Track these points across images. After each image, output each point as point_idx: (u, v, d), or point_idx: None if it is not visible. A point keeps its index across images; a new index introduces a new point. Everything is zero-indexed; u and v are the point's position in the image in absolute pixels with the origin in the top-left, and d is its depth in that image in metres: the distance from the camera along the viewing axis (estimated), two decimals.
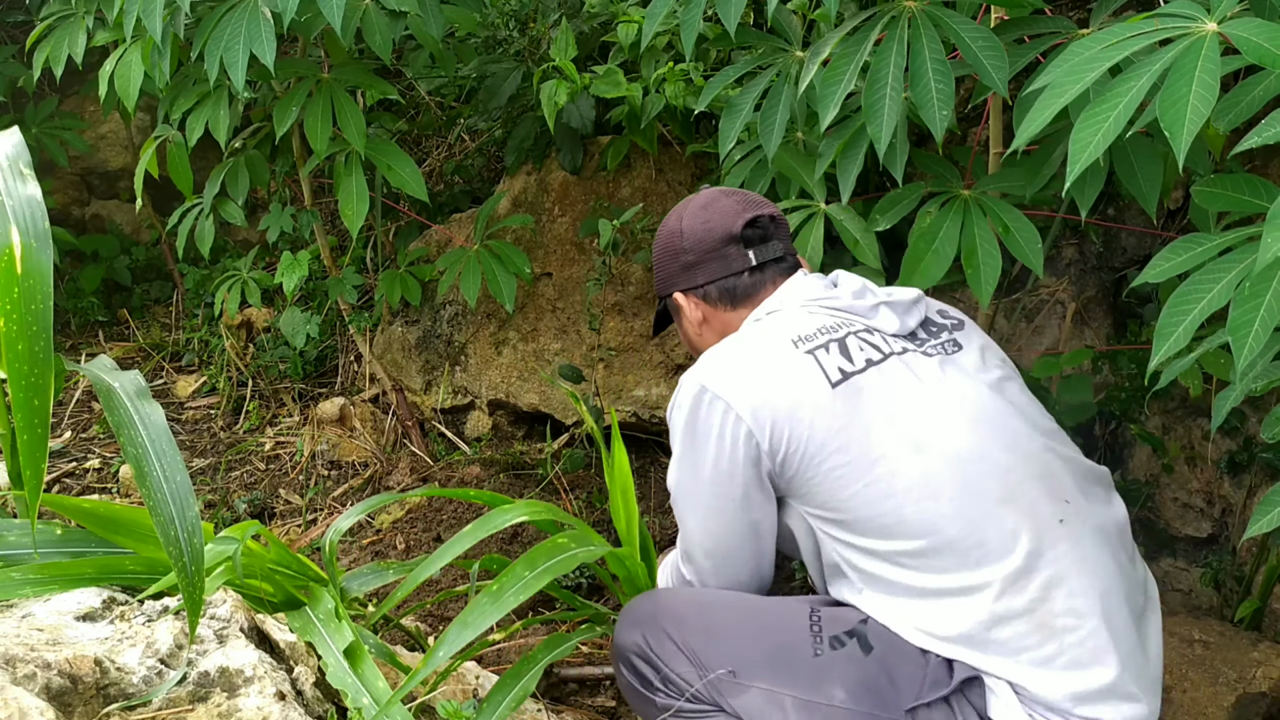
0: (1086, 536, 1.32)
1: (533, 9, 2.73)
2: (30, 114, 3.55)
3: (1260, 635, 1.89)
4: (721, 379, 1.40)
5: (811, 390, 1.35)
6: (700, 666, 1.34)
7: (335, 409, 2.95)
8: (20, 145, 1.35)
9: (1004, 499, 1.31)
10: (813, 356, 1.38)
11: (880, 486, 1.32)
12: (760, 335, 1.46)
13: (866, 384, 1.37)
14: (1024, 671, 1.27)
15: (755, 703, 1.31)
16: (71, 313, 3.74)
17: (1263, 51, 1.05)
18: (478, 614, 1.32)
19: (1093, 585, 1.29)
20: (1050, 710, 1.26)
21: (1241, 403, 1.88)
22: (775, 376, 1.38)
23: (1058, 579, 1.28)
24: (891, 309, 1.47)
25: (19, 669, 1.05)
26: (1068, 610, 1.27)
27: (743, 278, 1.53)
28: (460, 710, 1.40)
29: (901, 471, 1.32)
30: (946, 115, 1.46)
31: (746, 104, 1.75)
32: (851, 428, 1.34)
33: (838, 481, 1.34)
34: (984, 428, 1.36)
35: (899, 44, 1.49)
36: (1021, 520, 1.30)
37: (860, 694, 1.28)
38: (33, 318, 1.20)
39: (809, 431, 1.34)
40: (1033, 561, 1.28)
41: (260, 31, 1.97)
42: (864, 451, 1.33)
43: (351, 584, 1.69)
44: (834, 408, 1.34)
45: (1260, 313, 1.07)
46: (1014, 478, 1.33)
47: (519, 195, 2.76)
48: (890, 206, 1.73)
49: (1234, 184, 1.26)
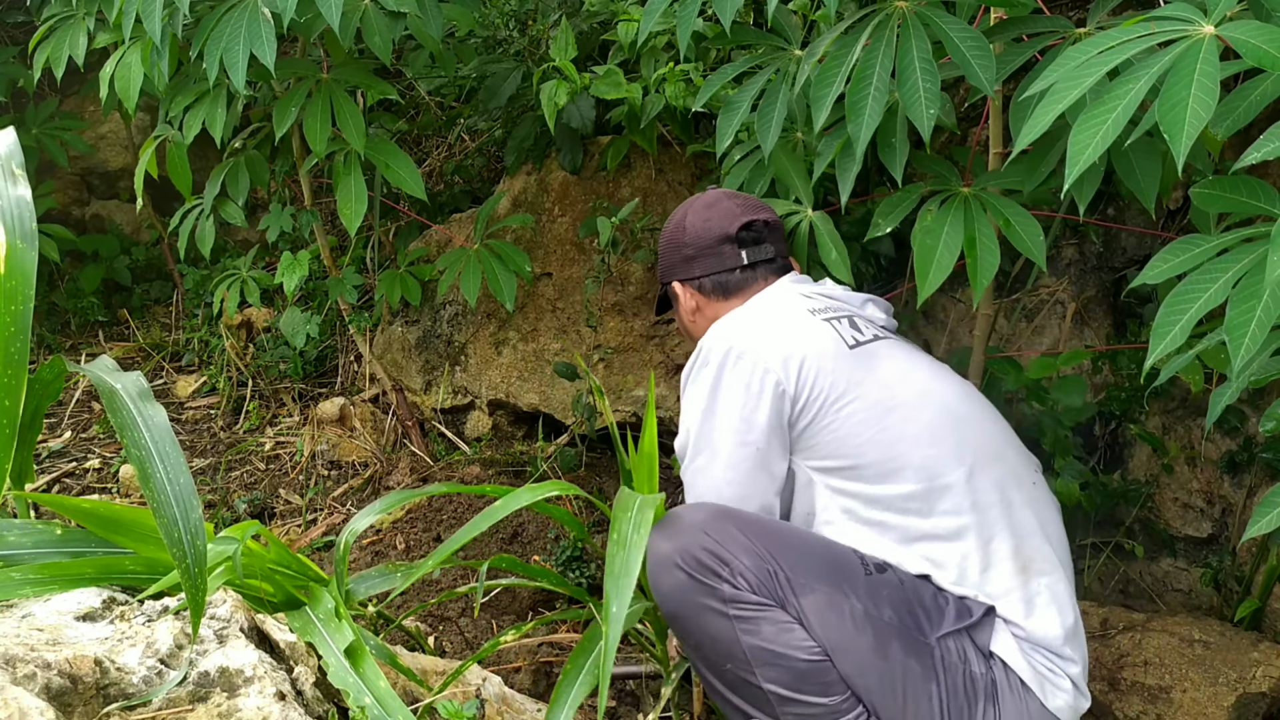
0: (1048, 500, 1.59)
1: (533, 9, 2.74)
2: (30, 114, 3.55)
3: (1260, 635, 1.89)
4: (748, 337, 1.55)
5: (833, 346, 1.54)
6: (770, 562, 1.43)
7: (335, 409, 2.95)
8: (13, 145, 1.35)
9: (993, 456, 1.53)
10: (829, 324, 1.58)
11: (893, 432, 1.49)
12: (777, 304, 1.64)
13: (876, 351, 1.57)
14: (1016, 608, 1.46)
15: (819, 604, 1.41)
16: (71, 313, 3.74)
17: (1262, 54, 1.05)
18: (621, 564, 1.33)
19: (1056, 538, 1.54)
20: (1036, 645, 1.46)
21: (1241, 402, 1.89)
22: (800, 332, 1.55)
23: (1034, 530, 1.50)
24: (876, 305, 1.71)
25: (19, 669, 1.06)
26: (1043, 557, 1.50)
27: (734, 274, 1.70)
28: (461, 711, 1.40)
29: (912, 420, 1.50)
30: (934, 114, 1.47)
31: (744, 102, 1.75)
32: (869, 381, 1.52)
33: (856, 427, 1.49)
34: (970, 398, 1.61)
35: (887, 44, 1.50)
36: (1007, 475, 1.53)
37: (904, 615, 1.43)
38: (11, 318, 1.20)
39: (831, 379, 1.50)
40: (1016, 512, 1.50)
41: (260, 31, 1.97)
42: (878, 402, 1.51)
43: (359, 587, 1.68)
44: (853, 363, 1.53)
45: (1257, 313, 1.07)
46: (999, 442, 1.57)
47: (519, 195, 2.77)
48: (891, 209, 1.73)
49: (1233, 186, 1.26)
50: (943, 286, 2.32)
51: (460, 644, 2.13)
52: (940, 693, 1.42)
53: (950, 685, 1.42)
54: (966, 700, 1.42)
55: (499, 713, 1.55)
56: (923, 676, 1.42)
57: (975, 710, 1.43)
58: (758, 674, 1.41)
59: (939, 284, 1.60)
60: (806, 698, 1.40)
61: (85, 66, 2.55)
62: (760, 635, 1.40)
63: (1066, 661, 1.48)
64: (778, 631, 1.40)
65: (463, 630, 2.16)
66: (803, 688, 1.40)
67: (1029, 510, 1.52)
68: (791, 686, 1.40)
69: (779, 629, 1.41)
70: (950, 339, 2.32)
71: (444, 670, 1.61)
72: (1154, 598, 2.15)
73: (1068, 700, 1.47)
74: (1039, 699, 1.44)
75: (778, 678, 1.40)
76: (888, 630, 1.42)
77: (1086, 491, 2.10)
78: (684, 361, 2.65)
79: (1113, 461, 2.22)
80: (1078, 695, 1.49)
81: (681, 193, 2.61)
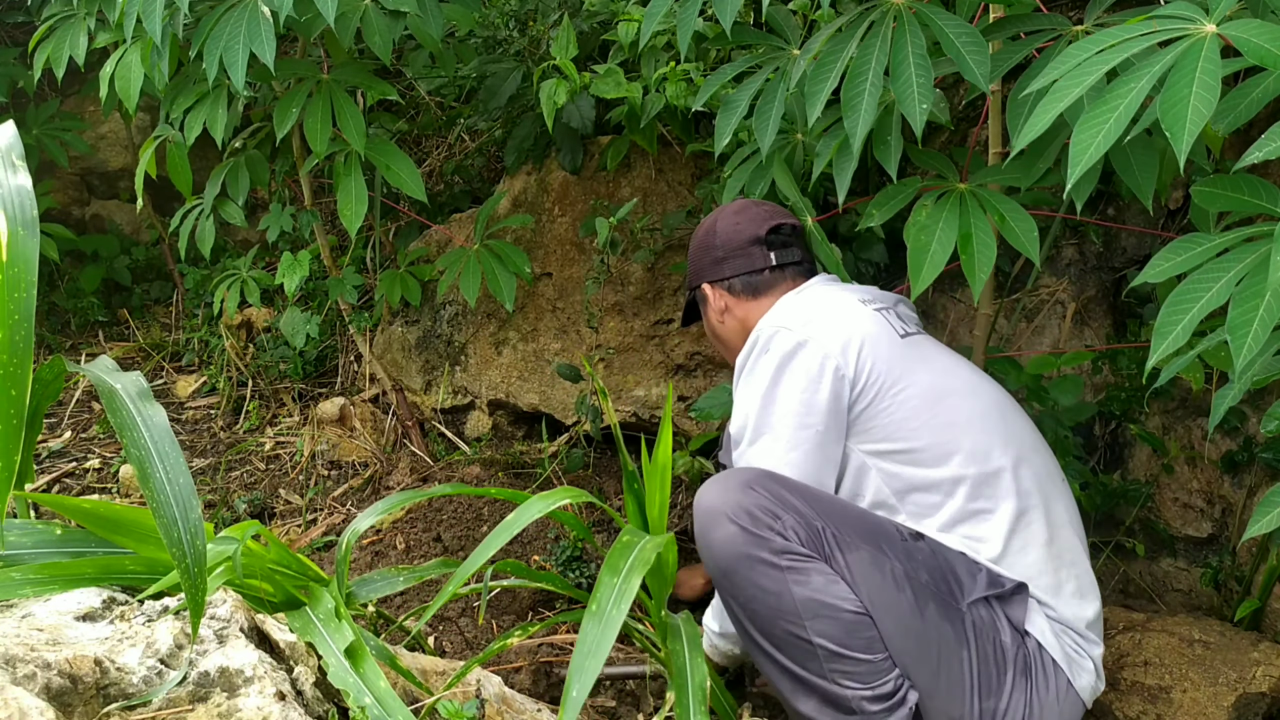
0: (1072, 498, 1.67)
1: (533, 9, 2.73)
2: (31, 114, 3.55)
3: (1260, 635, 1.89)
4: (807, 324, 1.61)
5: (887, 334, 1.62)
6: (817, 519, 1.48)
7: (335, 409, 2.95)
8: (14, 138, 1.35)
9: (1032, 449, 1.62)
10: (880, 314, 1.65)
11: (945, 418, 1.56)
12: (829, 294, 1.71)
13: (922, 342, 1.67)
14: (1049, 591, 1.53)
15: (863, 562, 1.47)
16: (71, 313, 3.74)
17: (1263, 52, 1.05)
18: (592, 641, 1.24)
19: (1081, 533, 1.63)
20: (1065, 628, 1.53)
21: (1242, 402, 1.88)
22: (856, 319, 1.62)
23: (1065, 522, 1.59)
24: (906, 305, 1.80)
25: (19, 669, 1.05)
26: (1072, 549, 1.58)
27: (763, 275, 1.79)
28: (461, 710, 1.40)
29: (963, 409, 1.58)
30: (926, 108, 1.47)
31: (743, 102, 1.75)
32: (921, 369, 1.60)
33: (911, 411, 1.56)
34: (1005, 395, 1.69)
35: (883, 40, 1.50)
36: (1043, 469, 1.61)
37: (939, 580, 1.49)
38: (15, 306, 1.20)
39: (888, 365, 1.57)
40: (1049, 502, 1.57)
41: (260, 30, 1.97)
42: (931, 387, 1.58)
43: (361, 590, 1.68)
44: (905, 350, 1.61)
45: (1259, 313, 1.07)
46: (1031, 438, 1.65)
47: (519, 195, 2.76)
48: (885, 201, 1.73)
49: (1233, 184, 1.26)
50: (942, 286, 2.34)
51: (460, 644, 2.13)
52: (971, 658, 1.47)
53: (981, 653, 1.48)
54: (996, 668, 1.48)
55: (499, 713, 1.55)
56: (955, 641, 1.47)
57: (1004, 679, 1.48)
58: (808, 626, 1.44)
59: (932, 280, 1.60)
60: (854, 653, 1.44)
61: (85, 66, 2.54)
62: (811, 586, 1.44)
63: (1090, 644, 1.56)
64: (826, 582, 1.45)
65: (463, 630, 2.16)
66: (850, 642, 1.44)
67: (1061, 503, 1.61)
68: (840, 641, 1.44)
69: (827, 579, 1.45)
70: (950, 339, 2.32)
71: (444, 671, 1.61)
72: (1154, 598, 2.15)
73: (1090, 681, 1.55)
74: (1067, 677, 1.51)
75: (827, 630, 1.43)
76: (924, 591, 1.47)
77: (1086, 491, 2.10)
78: (684, 361, 2.65)
79: (1113, 461, 2.22)
80: (1098, 678, 1.57)
81: (681, 192, 2.61)
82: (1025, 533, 1.55)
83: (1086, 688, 1.54)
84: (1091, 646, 1.56)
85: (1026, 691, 1.48)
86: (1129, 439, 2.18)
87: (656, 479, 1.63)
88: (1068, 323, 2.21)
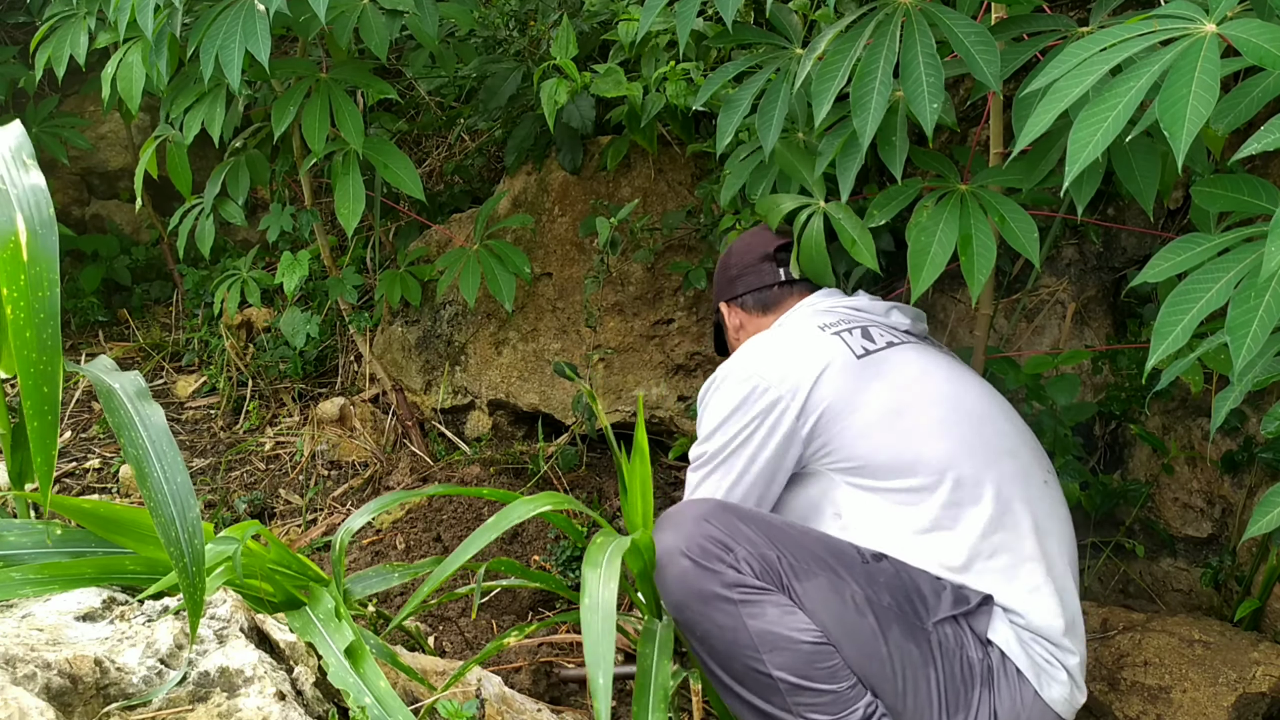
0: (1057, 499, 1.63)
1: (533, 9, 2.73)
2: (31, 113, 3.55)
3: (1260, 635, 1.89)
4: (762, 364, 1.64)
5: (841, 359, 1.61)
6: (771, 548, 1.47)
7: (335, 409, 2.95)
8: (22, 137, 1.35)
9: (1004, 453, 1.59)
10: (838, 337, 1.66)
11: (901, 432, 1.56)
12: (791, 326, 1.75)
13: (889, 357, 1.64)
14: (1017, 598, 1.50)
15: (821, 588, 1.45)
16: (71, 313, 3.74)
17: (1263, 52, 1.05)
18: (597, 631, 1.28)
19: (1062, 535, 1.59)
20: (1035, 635, 1.50)
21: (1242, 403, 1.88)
22: (807, 354, 1.63)
23: (1038, 525, 1.55)
24: (902, 312, 1.79)
25: (19, 669, 1.05)
26: (1045, 552, 1.54)
27: (773, 290, 1.85)
28: (461, 710, 1.40)
29: (923, 419, 1.57)
30: (936, 108, 1.46)
31: (744, 101, 1.75)
32: (877, 387, 1.59)
33: (867, 430, 1.57)
34: (987, 397, 1.66)
35: (891, 40, 1.49)
36: (1017, 472, 1.57)
37: (903, 600, 1.47)
38: (39, 305, 1.20)
39: (838, 391, 1.58)
40: (1022, 507, 1.54)
41: (255, 29, 1.97)
42: (887, 405, 1.58)
43: (356, 586, 1.68)
44: (860, 372, 1.60)
45: (1259, 314, 1.07)
46: (1013, 440, 1.62)
47: (519, 195, 2.76)
48: (887, 201, 1.72)
49: (1233, 184, 1.26)
50: (942, 286, 2.33)
51: (460, 644, 2.13)
52: (938, 678, 1.45)
53: (947, 671, 1.45)
54: (963, 685, 1.46)
55: (499, 713, 1.55)
56: (921, 661, 1.44)
57: (971, 695, 1.46)
58: (766, 660, 1.42)
59: (932, 281, 1.60)
60: (815, 684, 1.41)
61: (86, 66, 2.54)
62: (766, 618, 1.42)
63: (1065, 653, 1.51)
64: (782, 614, 1.42)
65: (463, 630, 2.16)
66: (811, 674, 1.41)
67: (1035, 506, 1.57)
68: (800, 673, 1.41)
69: (782, 611, 1.42)
70: (950, 339, 2.32)
71: (444, 670, 1.61)
72: (1154, 598, 2.15)
73: (1063, 693, 1.50)
74: (1034, 688, 1.48)
75: (785, 662, 1.41)
76: (887, 614, 1.45)
77: (1086, 491, 2.10)
78: (684, 361, 2.65)
79: (1113, 461, 2.22)
80: (1074, 688, 1.52)
81: (681, 192, 2.61)
82: (993, 539, 1.52)
83: (1060, 699, 1.49)
84: (1067, 656, 1.52)
85: (991, 703, 1.46)
86: (1129, 439, 2.18)
87: (637, 483, 1.62)
88: (1068, 323, 2.21)
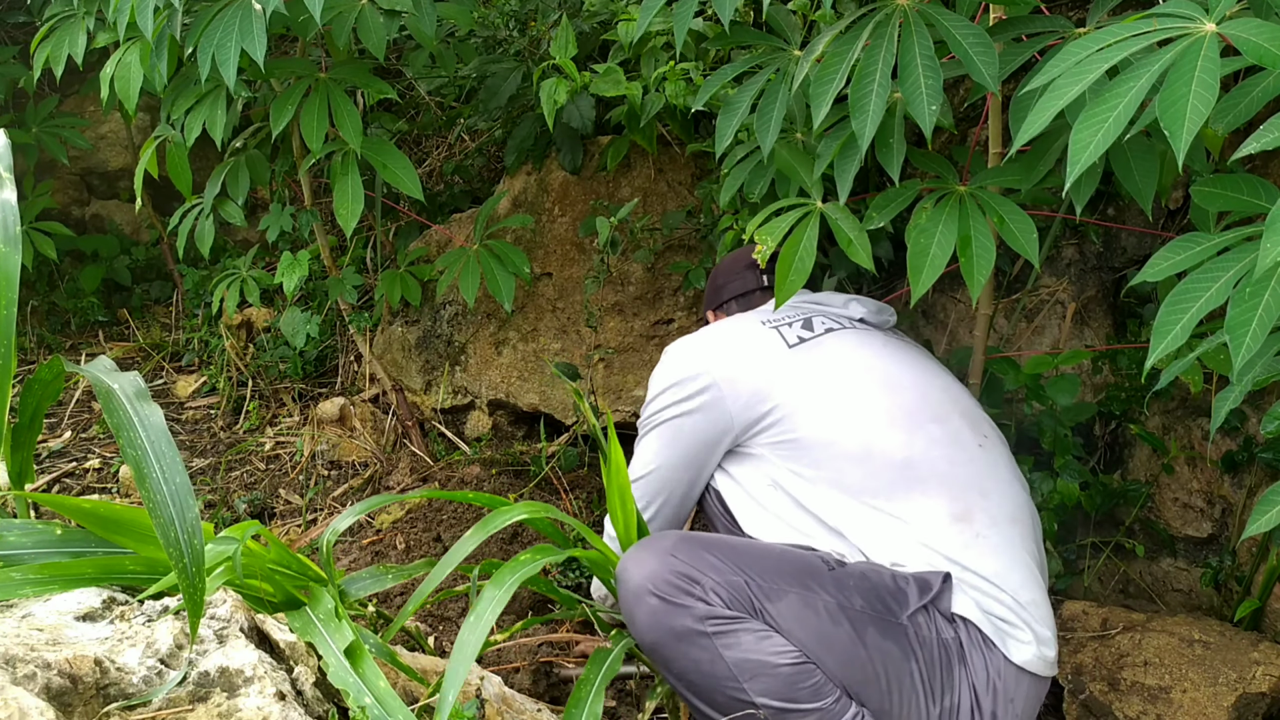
0: (996, 459, 1.66)
1: (533, 9, 2.74)
2: (30, 113, 3.55)
3: (1260, 635, 1.89)
4: (699, 350, 1.73)
5: (771, 349, 1.69)
6: (738, 573, 1.46)
7: (335, 409, 2.95)
8: (3, 149, 1.34)
9: (931, 419, 1.64)
10: (775, 330, 1.73)
11: (824, 409, 1.62)
12: (735, 320, 1.83)
13: (823, 342, 1.71)
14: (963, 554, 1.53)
15: (793, 606, 1.45)
16: (71, 313, 3.74)
17: (1263, 51, 1.05)
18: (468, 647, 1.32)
19: (1006, 498, 1.62)
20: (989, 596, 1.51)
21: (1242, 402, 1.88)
22: (740, 345, 1.72)
23: (980, 488, 1.59)
24: (861, 304, 1.84)
25: (19, 669, 1.05)
26: (982, 509, 1.57)
27: (755, 294, 1.91)
28: (461, 710, 1.40)
29: (845, 395, 1.64)
30: (934, 110, 1.46)
31: (744, 102, 1.75)
32: (805, 372, 1.66)
33: (793, 412, 1.63)
34: (922, 371, 1.72)
35: (889, 41, 1.49)
36: (945, 436, 1.62)
37: (874, 601, 1.48)
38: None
39: (767, 379, 1.65)
40: (958, 470, 1.59)
41: (252, 28, 1.97)
42: (813, 387, 1.65)
43: (350, 588, 1.68)
44: (790, 360, 1.67)
45: (1258, 312, 1.07)
46: (943, 407, 1.67)
47: (519, 195, 2.76)
48: (886, 203, 1.72)
49: (1233, 184, 1.26)
50: (942, 286, 2.33)
51: None
52: (919, 668, 1.46)
53: (927, 659, 1.46)
54: (943, 669, 1.47)
55: (499, 713, 1.55)
56: (901, 657, 1.45)
57: (952, 676, 1.47)
58: (748, 688, 1.40)
59: (932, 283, 1.59)
60: (800, 705, 1.40)
61: (85, 66, 2.54)
62: (741, 647, 1.40)
63: (1025, 610, 1.52)
64: (756, 640, 1.41)
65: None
66: (794, 695, 1.40)
67: (968, 471, 1.61)
68: (782, 696, 1.40)
69: (757, 637, 1.41)
70: (950, 339, 2.32)
71: (443, 670, 1.61)
72: (1154, 598, 2.15)
73: (1033, 652, 1.50)
74: (1002, 653, 1.49)
75: (767, 688, 1.40)
76: (861, 618, 1.45)
77: (1086, 491, 2.10)
78: None
79: (1113, 461, 2.22)
80: (1042, 646, 1.52)
81: (681, 192, 2.61)
82: (922, 503, 1.56)
83: (1032, 659, 1.49)
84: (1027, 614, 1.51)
85: (969, 677, 1.47)
86: (1129, 439, 2.18)
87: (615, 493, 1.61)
88: (1068, 323, 2.21)
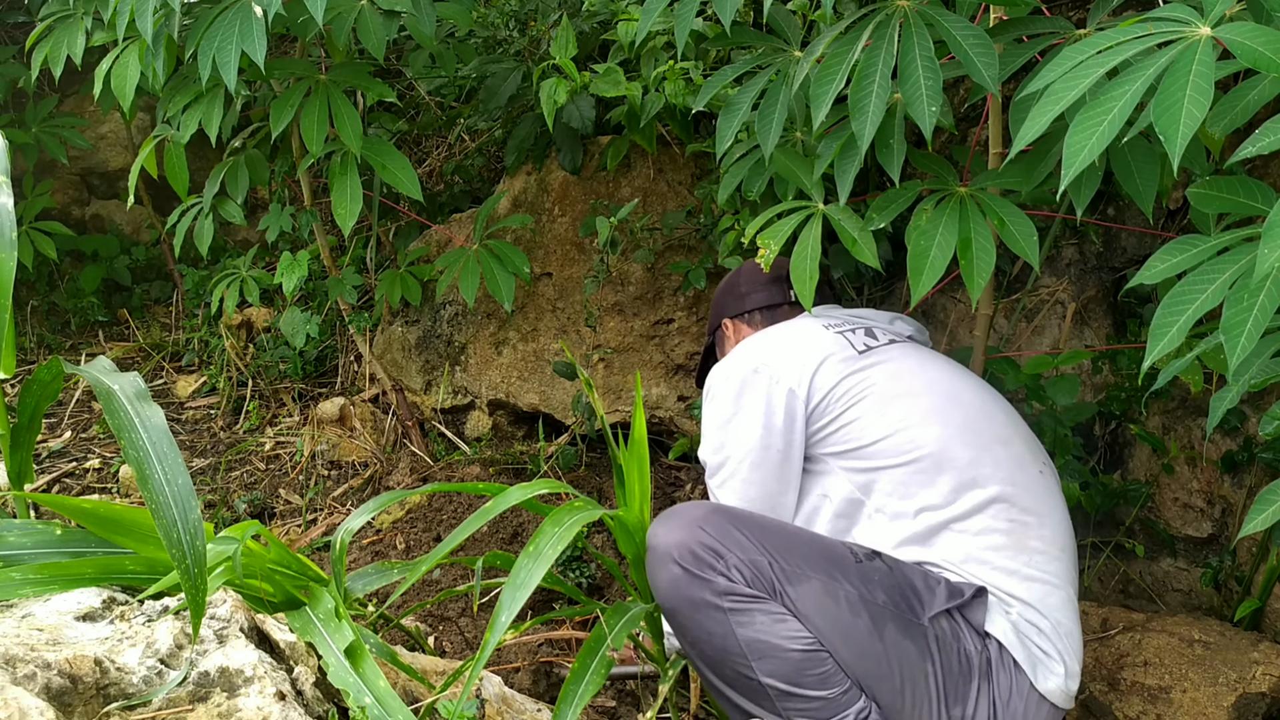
0: (1053, 490, 1.64)
1: (533, 9, 2.74)
2: (30, 113, 3.55)
3: (1260, 635, 1.89)
4: (763, 354, 1.70)
5: (842, 352, 1.69)
6: (764, 554, 1.47)
7: (335, 409, 2.95)
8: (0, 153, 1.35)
9: (997, 440, 1.61)
10: (842, 335, 1.73)
11: (896, 418, 1.60)
12: (796, 324, 1.81)
13: (891, 352, 1.71)
14: (1012, 585, 1.51)
15: (814, 592, 1.45)
16: (71, 313, 3.74)
17: (1257, 55, 1.05)
18: (524, 574, 1.34)
19: (1058, 525, 1.59)
20: (1031, 624, 1.50)
21: (1242, 402, 1.89)
22: (811, 344, 1.70)
23: (1038, 513, 1.57)
24: (905, 322, 1.87)
25: (19, 669, 1.06)
26: (1039, 539, 1.55)
27: (783, 308, 1.91)
28: (461, 710, 1.40)
29: (917, 407, 1.61)
30: (935, 111, 1.46)
31: (744, 103, 1.75)
32: (875, 377, 1.64)
33: (865, 416, 1.61)
34: (980, 391, 1.70)
35: (889, 43, 1.49)
36: (1010, 460, 1.60)
37: (897, 598, 1.47)
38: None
39: (840, 380, 1.64)
40: (1014, 491, 1.56)
41: (252, 29, 1.97)
42: (884, 394, 1.62)
43: (355, 584, 1.69)
44: (861, 364, 1.67)
45: (1253, 313, 1.07)
46: (1006, 430, 1.65)
47: (519, 195, 2.77)
48: (887, 204, 1.72)
49: (1231, 186, 1.26)
50: (943, 287, 2.33)
51: (460, 644, 2.13)
52: (936, 672, 1.46)
53: (945, 664, 1.46)
54: (961, 678, 1.47)
55: (499, 713, 1.55)
56: (918, 657, 1.45)
57: (969, 688, 1.47)
58: (755, 667, 1.42)
59: (932, 284, 1.59)
60: (805, 690, 1.42)
61: (85, 66, 2.55)
62: (755, 627, 1.42)
63: (1060, 640, 1.51)
64: (771, 622, 1.43)
65: (463, 630, 2.16)
66: (800, 680, 1.42)
67: (1029, 495, 1.58)
68: (789, 679, 1.42)
69: (772, 619, 1.43)
70: (950, 339, 2.32)
71: (444, 670, 1.61)
72: (1154, 598, 2.15)
73: (1059, 684, 1.50)
74: (1029, 679, 1.48)
75: (775, 670, 1.42)
76: (882, 613, 1.45)
77: (1086, 491, 2.10)
78: (684, 361, 2.65)
79: (1113, 461, 2.22)
80: (1069, 679, 1.52)
81: (681, 192, 2.61)
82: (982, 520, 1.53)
83: (1056, 690, 1.49)
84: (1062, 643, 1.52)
85: (990, 694, 1.47)
86: (1129, 439, 2.18)
87: (634, 466, 1.64)
88: (1068, 323, 2.21)
